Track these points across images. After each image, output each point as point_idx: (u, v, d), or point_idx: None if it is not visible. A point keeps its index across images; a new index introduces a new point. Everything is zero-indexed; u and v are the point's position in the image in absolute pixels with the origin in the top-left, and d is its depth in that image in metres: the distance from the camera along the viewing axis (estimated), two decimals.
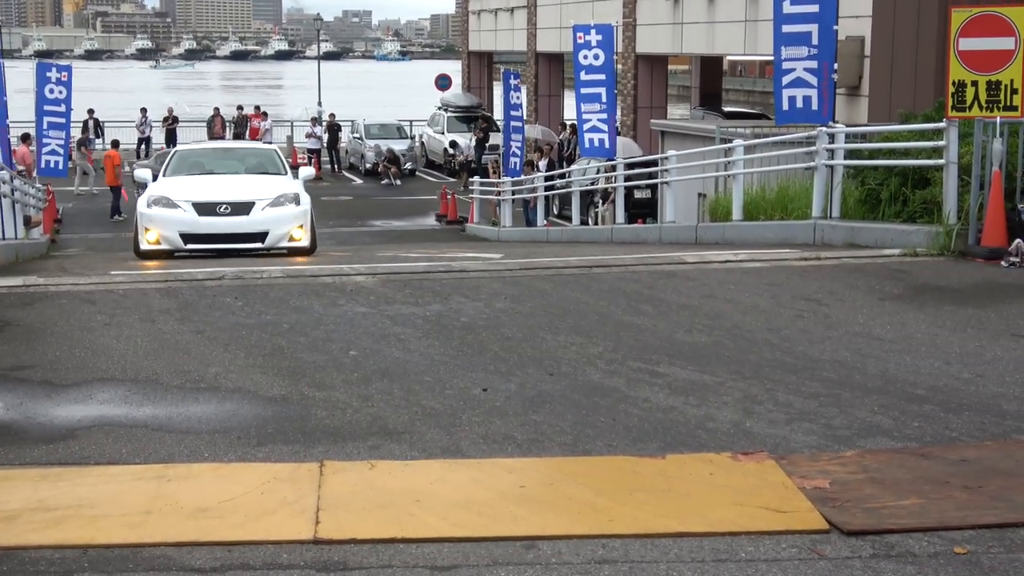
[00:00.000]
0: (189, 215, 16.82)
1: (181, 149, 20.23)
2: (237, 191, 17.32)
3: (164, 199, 17.00)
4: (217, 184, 17.69)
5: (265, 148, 20.72)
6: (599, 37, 24.54)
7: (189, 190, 17.27)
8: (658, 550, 4.87)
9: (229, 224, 16.80)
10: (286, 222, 17.12)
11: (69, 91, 27.57)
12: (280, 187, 17.63)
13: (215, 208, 16.83)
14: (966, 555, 4.82)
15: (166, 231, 16.83)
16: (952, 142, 12.49)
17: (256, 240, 16.89)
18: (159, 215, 16.89)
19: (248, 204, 16.98)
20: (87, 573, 4.66)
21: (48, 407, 6.92)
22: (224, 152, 20.45)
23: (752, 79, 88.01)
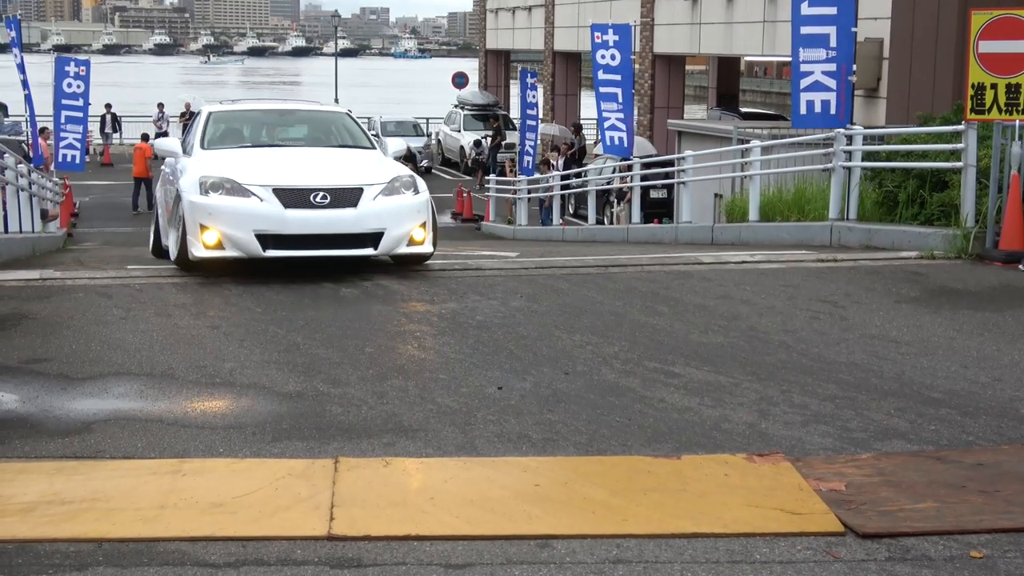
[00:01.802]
0: (270, 207, 10.82)
1: (217, 111, 13.28)
2: (332, 171, 11.48)
3: (228, 182, 10.98)
4: (298, 161, 11.85)
5: (334, 111, 14.19)
6: (616, 37, 24.53)
7: (260, 169, 11.33)
8: (672, 551, 4.86)
9: (330, 220, 10.92)
10: (406, 217, 11.28)
11: (87, 85, 27.66)
12: (386, 167, 11.82)
13: (308, 196, 10.90)
14: (982, 559, 4.80)
15: (235, 230, 10.81)
16: (970, 145, 12.45)
17: (366, 244, 11.06)
18: (223, 206, 10.86)
19: (355, 191, 11.07)
20: (102, 567, 4.66)
21: (64, 400, 6.93)
22: (279, 115, 13.87)
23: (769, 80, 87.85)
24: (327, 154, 12.38)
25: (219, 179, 11.01)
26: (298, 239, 10.88)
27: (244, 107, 13.91)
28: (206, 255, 10.90)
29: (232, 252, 10.87)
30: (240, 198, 10.90)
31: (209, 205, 10.91)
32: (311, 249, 10.94)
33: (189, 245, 10.97)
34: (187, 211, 11.01)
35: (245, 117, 13.52)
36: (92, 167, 36.72)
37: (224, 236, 10.83)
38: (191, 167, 11.64)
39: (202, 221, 10.89)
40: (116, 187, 35.51)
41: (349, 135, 13.13)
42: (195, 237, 10.92)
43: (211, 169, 11.31)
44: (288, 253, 10.90)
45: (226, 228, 10.83)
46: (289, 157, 12.03)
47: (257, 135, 13.01)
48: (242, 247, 10.85)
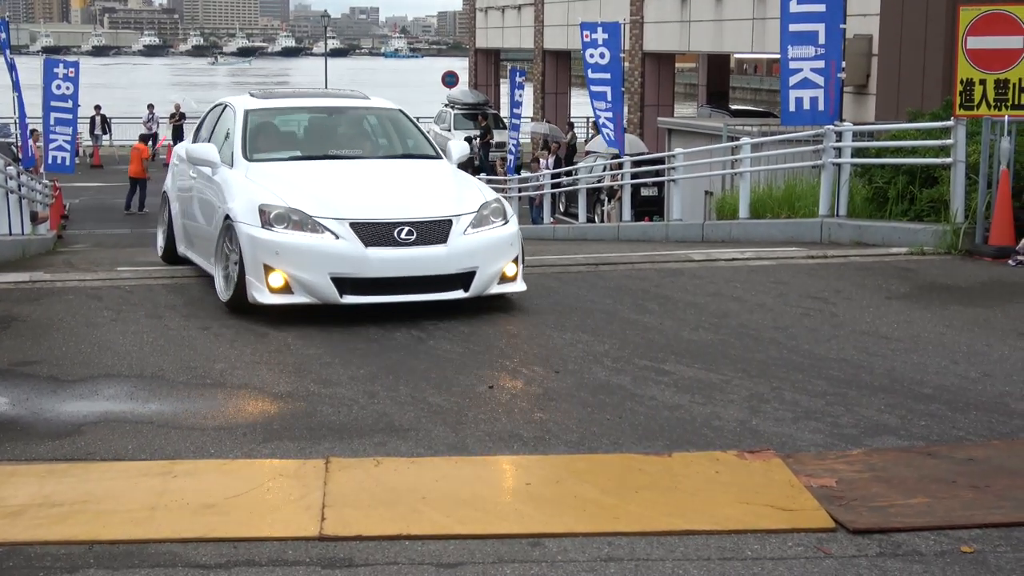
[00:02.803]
0: (348, 245, 9.00)
1: (255, 108, 11.08)
2: (415, 198, 9.63)
3: (296, 214, 9.15)
4: (371, 183, 9.95)
5: (386, 107, 11.75)
6: (605, 35, 24.56)
7: (331, 196, 9.43)
8: (664, 548, 4.86)
9: (417, 260, 9.10)
10: (500, 253, 9.46)
11: (76, 87, 27.61)
12: (470, 189, 10.00)
13: (392, 232, 9.08)
14: (973, 554, 4.81)
15: (306, 272, 8.97)
16: (960, 141, 12.46)
17: (456, 286, 9.26)
18: (293, 244, 9.02)
19: (443, 224, 9.28)
20: (92, 569, 4.66)
21: (54, 403, 6.92)
22: (328, 115, 11.58)
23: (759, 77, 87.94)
24: (398, 171, 10.45)
25: (284, 210, 9.14)
26: (381, 283, 9.04)
27: (286, 103, 11.67)
28: (271, 301, 8.98)
29: (302, 298, 8.99)
30: (312, 234, 9.04)
31: (276, 242, 8.99)
32: (395, 294, 9.08)
33: (250, 287, 9.08)
34: (247, 247, 9.11)
35: (289, 117, 11.55)
36: (82, 169, 36.66)
37: (293, 279, 8.96)
38: (239, 186, 9.76)
39: (267, 261, 8.99)
40: (106, 189, 35.46)
41: (411, 139, 11.20)
42: (258, 279, 9.04)
43: (270, 193, 9.41)
44: (369, 299, 9.04)
45: (296, 270, 8.94)
46: (357, 177, 10.04)
47: (308, 141, 11.10)
48: (315, 292, 8.96)
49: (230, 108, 11.25)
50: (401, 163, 10.69)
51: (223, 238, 9.62)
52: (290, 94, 12.17)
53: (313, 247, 8.99)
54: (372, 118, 11.61)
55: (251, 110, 10.99)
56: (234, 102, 11.37)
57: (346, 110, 11.60)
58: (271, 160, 10.29)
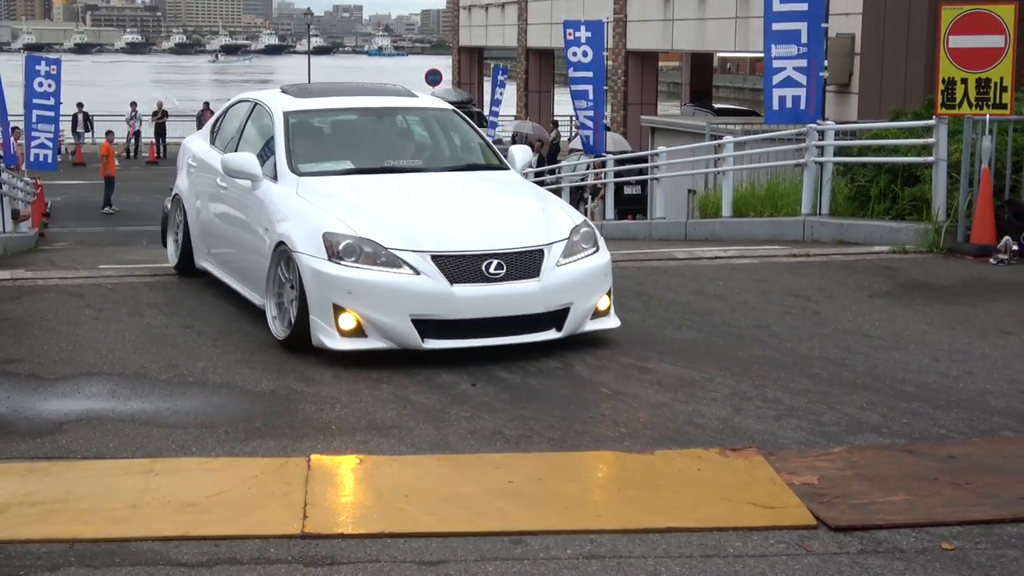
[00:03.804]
0: (431, 283, 7.75)
1: (294, 110, 9.59)
2: (500, 224, 8.39)
3: (369, 244, 7.89)
4: (443, 203, 8.72)
5: (439, 107, 10.39)
6: (588, 34, 24.55)
7: (404, 221, 8.17)
8: (646, 545, 4.87)
9: (508, 298, 7.89)
10: (595, 285, 8.31)
11: (58, 84, 27.50)
12: (555, 211, 8.69)
13: (480, 266, 7.86)
14: (953, 551, 4.83)
15: (383, 314, 7.74)
16: (941, 140, 12.49)
17: (548, 326, 8.05)
18: (368, 282, 7.77)
19: (534, 255, 8.06)
20: (74, 567, 4.65)
21: (35, 401, 6.90)
22: (378, 117, 10.07)
23: (742, 76, 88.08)
24: (470, 187, 9.15)
25: (354, 240, 7.85)
26: (467, 325, 7.80)
27: (329, 103, 9.98)
28: (342, 347, 7.72)
29: (377, 342, 7.74)
30: (389, 270, 7.76)
31: (347, 279, 7.73)
32: (482, 337, 7.82)
33: (315, 329, 7.82)
34: (312, 283, 7.83)
35: (336, 120, 9.92)
36: (64, 167, 36.51)
37: (367, 321, 7.71)
38: (292, 207, 8.44)
39: (337, 300, 7.73)
40: (88, 187, 35.31)
41: (472, 146, 9.92)
42: (325, 320, 7.77)
43: (332, 218, 8.10)
44: (454, 343, 7.78)
45: (371, 311, 7.70)
46: (426, 196, 8.74)
47: (359, 149, 9.55)
48: (392, 336, 7.72)
49: (262, 108, 9.82)
50: (469, 177, 9.33)
51: (276, 266, 8.31)
52: (327, 90, 10.49)
53: (392, 285, 7.70)
54: (428, 122, 10.17)
55: (291, 112, 9.51)
56: (267, 101, 9.88)
57: (397, 111, 10.11)
58: (323, 174, 8.94)
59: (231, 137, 10.21)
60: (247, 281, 9.13)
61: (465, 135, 10.00)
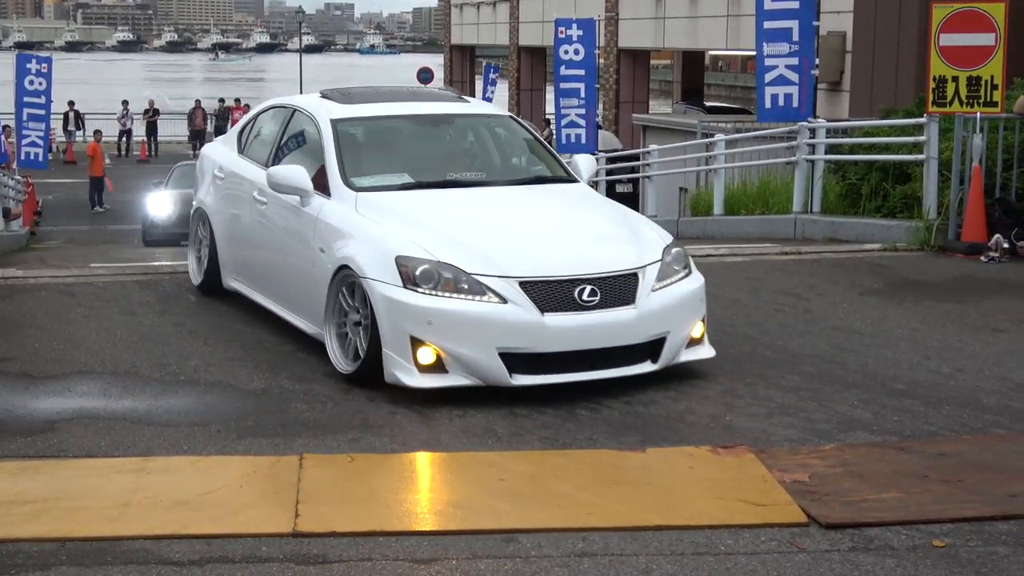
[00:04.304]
0: (520, 312, 6.95)
1: (342, 117, 8.69)
2: (583, 242, 7.61)
3: (448, 269, 7.06)
4: (522, 221, 7.88)
5: (496, 113, 9.65)
6: (580, 32, 24.51)
7: (484, 242, 7.34)
8: (638, 543, 4.88)
9: (603, 328, 7.09)
10: (690, 311, 7.57)
11: (49, 83, 27.43)
12: (640, 228, 7.96)
13: (572, 292, 7.06)
14: (944, 548, 4.84)
15: (467, 347, 6.92)
16: (932, 137, 12.51)
17: (643, 357, 7.27)
18: (450, 312, 6.95)
19: (629, 279, 7.28)
20: (65, 566, 4.64)
21: (27, 400, 6.89)
22: (433, 124, 9.21)
23: (734, 74, 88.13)
24: (545, 202, 8.31)
25: (432, 265, 7.02)
26: (559, 358, 6.99)
27: (379, 109, 8.98)
28: (421, 384, 6.87)
29: (460, 379, 6.90)
30: (473, 298, 6.94)
31: (428, 309, 6.88)
32: (575, 371, 7.02)
33: (388, 363, 6.99)
34: (385, 312, 6.99)
35: (388, 128, 8.92)
36: (55, 165, 36.47)
37: (449, 355, 6.90)
38: (354, 226, 7.61)
39: (415, 332, 6.90)
40: (80, 185, 35.23)
41: (536, 156, 9.04)
42: (401, 354, 6.94)
43: (403, 238, 7.27)
44: (545, 380, 6.95)
45: (454, 344, 6.88)
46: (501, 213, 7.90)
47: (417, 161, 8.64)
48: (478, 371, 6.88)
49: (303, 115, 8.94)
50: (540, 191, 8.48)
51: (337, 293, 7.47)
52: (371, 95, 9.34)
53: (478, 315, 6.89)
54: (483, 128, 9.26)
55: (340, 120, 8.60)
56: (308, 107, 8.98)
57: (453, 118, 9.25)
58: (381, 188, 8.06)
59: (266, 147, 9.30)
60: (295, 307, 8.22)
61: (527, 143, 9.16)
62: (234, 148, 9.81)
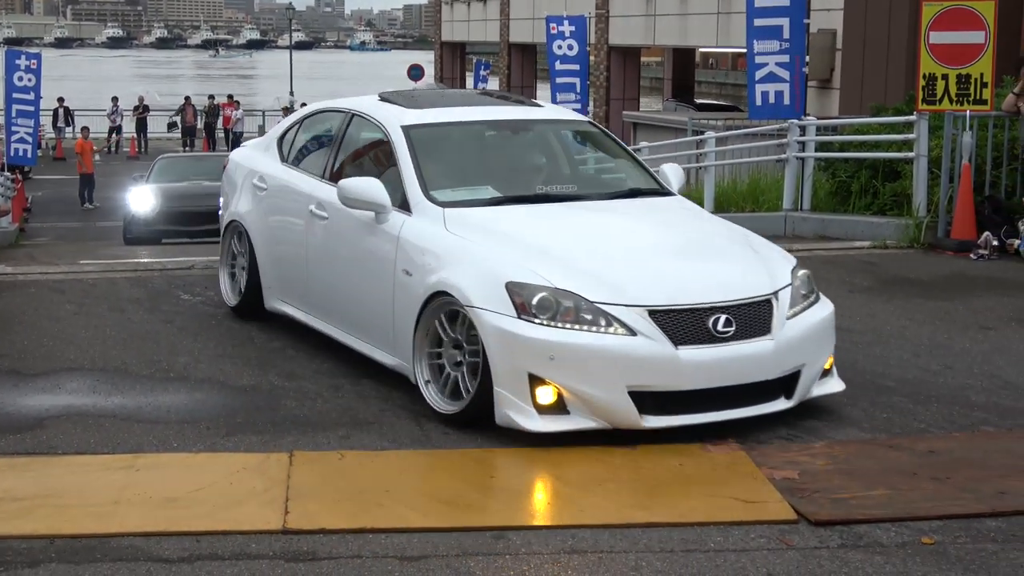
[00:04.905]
0: (651, 345, 6.14)
1: (414, 124, 7.74)
2: (709, 265, 6.83)
3: (569, 297, 6.22)
4: (635, 241, 7.02)
5: (573, 119, 8.85)
6: (572, 28, 24.57)
7: (602, 266, 6.52)
8: (627, 540, 4.88)
9: (740, 362, 6.32)
10: (825, 341, 6.84)
11: (38, 79, 27.36)
12: (761, 248, 7.19)
13: (705, 322, 6.28)
14: (933, 545, 4.85)
15: (592, 386, 6.09)
16: (922, 135, 12.54)
17: (777, 393, 6.50)
18: (573, 345, 6.11)
19: (762, 306, 6.51)
20: (54, 563, 4.64)
21: (15, 397, 6.87)
22: (513, 131, 8.34)
23: (724, 72, 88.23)
24: (650, 219, 7.46)
25: (550, 292, 6.20)
26: (693, 397, 6.23)
27: (451, 115, 8.08)
28: (542, 428, 6.05)
29: (583, 421, 6.10)
30: (598, 330, 6.13)
31: (549, 343, 6.07)
32: (708, 411, 6.25)
33: (501, 403, 6.16)
34: (497, 346, 6.17)
35: (464, 136, 8.06)
36: (45, 161, 36.42)
37: (573, 395, 6.09)
38: (448, 247, 6.76)
39: (534, 369, 6.09)
40: (69, 182, 35.16)
41: (624, 166, 8.27)
42: (517, 393, 6.12)
43: (512, 263, 6.43)
44: (678, 420, 6.18)
45: (579, 383, 6.07)
46: (611, 232, 7.08)
47: (502, 173, 7.81)
48: (604, 412, 6.08)
49: (365, 120, 8.08)
50: (641, 205, 7.64)
51: (431, 322, 6.63)
52: (436, 98, 8.59)
53: (605, 349, 6.08)
54: (564, 135, 8.48)
55: (412, 126, 7.68)
56: (371, 112, 8.07)
57: (532, 124, 8.33)
58: (468, 204, 7.19)
59: (320, 156, 8.39)
60: (368, 335, 7.33)
61: (612, 152, 8.36)
62: (275, 156, 8.84)
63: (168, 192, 21.71)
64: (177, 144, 43.12)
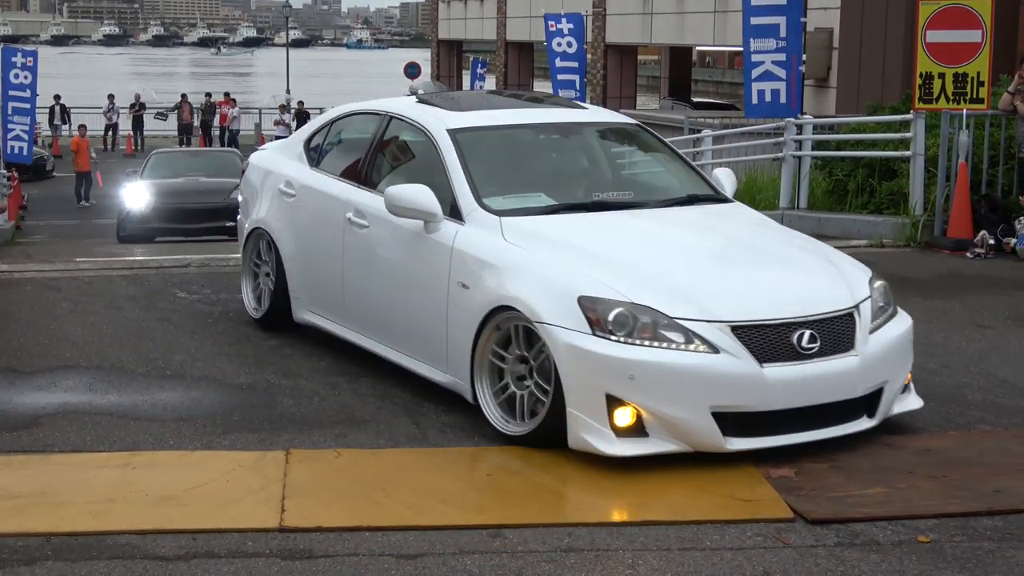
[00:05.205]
0: (735, 362, 5.80)
1: (461, 127, 7.29)
2: (786, 278, 6.47)
3: (645, 312, 5.84)
4: (711, 254, 6.75)
5: (621, 122, 8.24)
6: (571, 25, 24.57)
7: (678, 278, 6.16)
8: (624, 538, 4.88)
9: (825, 380, 5.98)
10: (906, 355, 6.57)
11: (34, 76, 27.34)
12: (834, 257, 6.94)
13: (789, 339, 5.95)
14: (929, 543, 4.85)
15: (678, 406, 5.73)
16: (919, 134, 12.55)
17: (859, 413, 6.18)
18: (654, 364, 5.74)
19: (845, 320, 6.20)
20: (51, 561, 4.63)
21: (11, 394, 6.87)
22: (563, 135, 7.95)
23: (721, 70, 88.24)
24: (718, 228, 7.12)
25: (627, 306, 5.85)
26: (776, 417, 5.89)
27: (497, 118, 7.66)
28: (620, 451, 5.70)
29: (664, 444, 5.76)
30: (679, 347, 5.79)
31: (629, 361, 5.72)
32: (793, 432, 5.93)
33: (575, 426, 5.80)
34: (570, 364, 5.81)
35: (512, 139, 7.62)
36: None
37: (653, 416, 5.75)
38: (509, 258, 6.35)
39: (613, 390, 5.74)
40: (66, 179, 35.17)
41: (678, 172, 7.79)
42: (594, 415, 5.76)
43: (582, 275, 6.06)
44: (763, 443, 5.85)
45: (660, 404, 5.74)
46: (679, 242, 6.76)
47: (555, 179, 7.47)
48: (686, 434, 5.74)
49: (405, 123, 7.64)
50: (704, 212, 7.28)
51: (491, 338, 6.27)
52: (477, 100, 8.31)
53: (688, 368, 5.74)
54: (613, 138, 8.16)
55: (459, 130, 7.25)
56: (412, 114, 7.62)
57: (581, 127, 7.91)
58: (525, 212, 6.79)
59: (356, 161, 7.89)
60: (418, 350, 6.90)
61: (663, 155, 7.91)
62: (303, 160, 8.35)
63: (163, 188, 21.30)
64: (174, 142, 43.07)
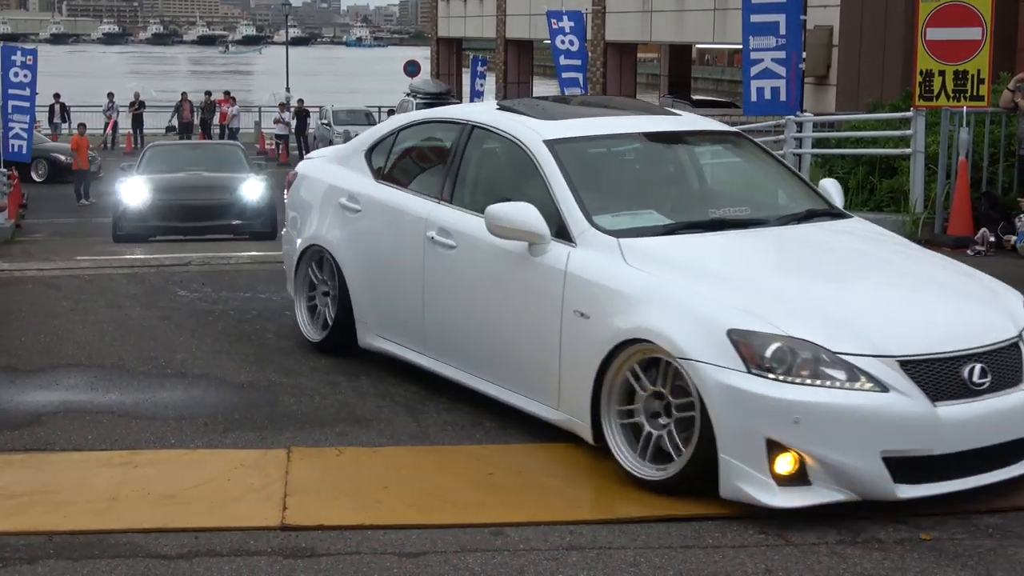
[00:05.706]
0: (906, 401, 5.16)
1: (558, 139, 6.55)
2: (945, 305, 5.78)
3: (805, 347, 5.20)
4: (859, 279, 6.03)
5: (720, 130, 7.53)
6: (571, 23, 24.60)
7: (833, 308, 5.51)
8: (626, 536, 4.88)
9: (998, 417, 5.35)
10: None
11: (34, 75, 27.35)
12: (982, 278, 6.27)
13: (959, 373, 5.31)
14: (931, 541, 4.86)
15: (846, 452, 5.09)
16: (919, 131, 12.55)
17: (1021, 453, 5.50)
18: (824, 405, 5.11)
19: (1010, 351, 5.56)
20: (52, 560, 4.63)
21: (13, 393, 6.87)
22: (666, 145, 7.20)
23: (720, 68, 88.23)
24: (854, 248, 6.48)
25: (784, 340, 5.24)
26: (952, 460, 5.29)
27: (599, 128, 6.97)
28: (782, 503, 5.11)
29: (830, 493, 5.15)
30: (844, 386, 5.19)
31: (793, 403, 5.12)
32: (965, 476, 5.33)
33: (730, 474, 5.20)
34: (726, 406, 5.20)
35: (614, 151, 7.09)
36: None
37: (817, 463, 5.14)
38: (638, 285, 5.71)
39: (774, 434, 5.14)
40: None
41: (789, 185, 7.22)
42: (752, 463, 5.16)
43: (727, 306, 5.43)
44: (937, 489, 5.26)
45: (826, 449, 5.13)
46: (816, 264, 6.20)
47: (665, 194, 6.82)
48: (853, 482, 5.15)
49: (491, 133, 6.94)
50: (829, 230, 6.63)
51: (620, 373, 5.66)
52: (567, 108, 7.47)
53: (856, 409, 5.14)
54: (717, 148, 7.66)
55: (556, 140, 6.56)
56: (499, 123, 6.91)
57: (685, 136, 7.29)
58: (642, 233, 6.11)
59: (434, 174, 7.26)
60: (516, 382, 6.28)
61: (769, 166, 7.27)
62: (365, 172, 7.66)
63: (161, 184, 20.37)
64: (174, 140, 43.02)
